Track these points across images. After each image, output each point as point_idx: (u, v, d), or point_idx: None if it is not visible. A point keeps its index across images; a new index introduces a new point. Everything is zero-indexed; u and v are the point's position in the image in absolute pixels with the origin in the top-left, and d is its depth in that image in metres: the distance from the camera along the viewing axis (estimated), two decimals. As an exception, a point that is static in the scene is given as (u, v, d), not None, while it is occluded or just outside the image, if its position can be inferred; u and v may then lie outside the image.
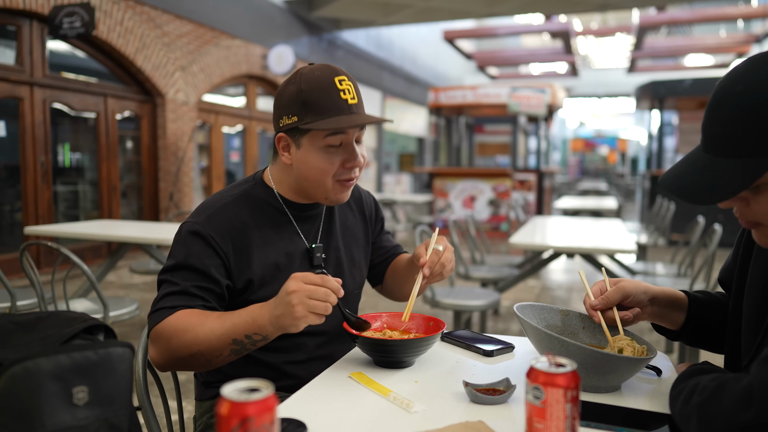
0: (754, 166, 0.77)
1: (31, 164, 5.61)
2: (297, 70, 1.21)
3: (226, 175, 8.70)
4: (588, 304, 1.10)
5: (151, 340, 1.12)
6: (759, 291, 0.93)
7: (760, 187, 0.81)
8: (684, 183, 0.84)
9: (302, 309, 0.98)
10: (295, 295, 0.98)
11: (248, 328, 1.05)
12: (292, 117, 1.17)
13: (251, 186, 1.29)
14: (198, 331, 1.07)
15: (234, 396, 0.58)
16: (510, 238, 3.42)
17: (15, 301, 2.55)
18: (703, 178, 0.82)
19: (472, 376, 1.06)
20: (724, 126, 0.81)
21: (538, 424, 0.69)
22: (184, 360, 1.10)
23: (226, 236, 1.19)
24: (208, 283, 1.16)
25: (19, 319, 0.91)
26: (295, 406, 0.93)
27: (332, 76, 1.16)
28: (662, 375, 1.07)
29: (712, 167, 0.82)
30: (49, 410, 0.77)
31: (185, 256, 1.16)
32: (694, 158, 0.86)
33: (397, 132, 14.28)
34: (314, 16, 9.90)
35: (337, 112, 1.15)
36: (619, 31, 15.97)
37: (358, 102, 1.19)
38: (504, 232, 8.93)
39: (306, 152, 1.19)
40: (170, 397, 2.59)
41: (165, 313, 1.11)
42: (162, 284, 1.17)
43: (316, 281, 0.99)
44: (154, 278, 5.61)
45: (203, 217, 1.20)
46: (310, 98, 1.15)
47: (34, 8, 5.36)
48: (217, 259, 1.18)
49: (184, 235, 1.19)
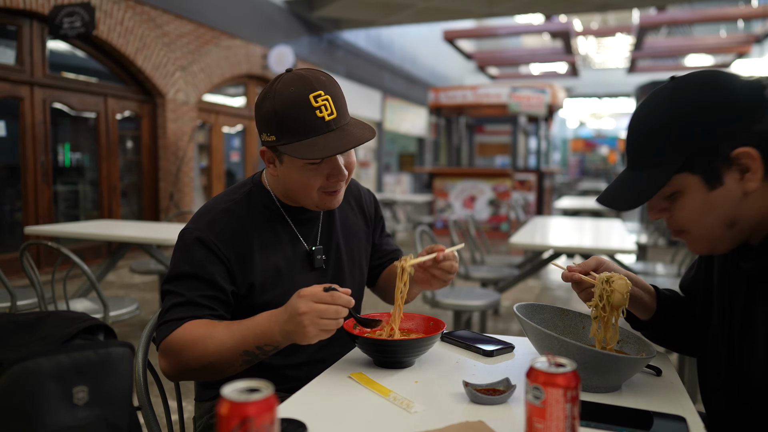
0: (656, 175, 0.91)
1: (32, 164, 5.61)
2: (273, 82, 1.15)
3: (226, 175, 8.70)
4: (566, 268, 1.10)
5: (161, 353, 1.12)
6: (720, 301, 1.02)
7: (675, 195, 0.92)
8: (611, 195, 0.98)
9: (314, 329, 0.98)
10: (306, 316, 0.98)
11: (258, 340, 1.05)
12: (271, 135, 1.14)
13: (250, 189, 1.28)
14: (208, 344, 1.07)
15: (234, 396, 0.58)
16: (510, 238, 3.42)
17: (15, 301, 2.55)
18: (625, 190, 0.96)
19: (472, 376, 1.06)
20: (632, 145, 0.97)
21: (538, 424, 0.69)
22: (196, 372, 1.10)
23: (228, 241, 1.18)
24: (214, 291, 1.15)
25: (20, 319, 0.91)
26: (295, 406, 0.93)
27: (306, 92, 1.11)
28: (662, 375, 1.07)
29: (630, 180, 0.96)
30: (49, 410, 0.77)
31: (189, 264, 1.15)
32: (620, 175, 1.00)
33: (397, 132, 14.28)
34: (314, 16, 9.90)
35: (312, 132, 1.11)
36: (620, 31, 15.97)
37: (338, 115, 1.13)
38: (504, 232, 8.93)
39: (288, 168, 1.17)
40: (170, 397, 2.59)
41: (173, 325, 1.10)
42: (167, 295, 1.16)
43: (326, 300, 0.99)
44: (154, 278, 5.61)
45: (204, 223, 1.19)
46: (284, 119, 1.11)
47: (34, 8, 5.36)
48: (221, 266, 1.17)
49: (185, 243, 1.18)
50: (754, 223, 0.91)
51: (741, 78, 0.90)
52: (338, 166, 1.17)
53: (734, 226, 0.91)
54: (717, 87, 0.88)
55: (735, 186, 0.88)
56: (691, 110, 0.88)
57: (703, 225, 0.92)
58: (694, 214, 0.91)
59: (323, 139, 1.11)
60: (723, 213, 0.90)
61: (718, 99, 0.87)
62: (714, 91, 0.88)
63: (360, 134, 1.14)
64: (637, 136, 0.95)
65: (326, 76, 1.16)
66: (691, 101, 0.88)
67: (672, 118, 0.89)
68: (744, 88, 0.88)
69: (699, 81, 0.90)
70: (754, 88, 0.88)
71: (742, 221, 0.90)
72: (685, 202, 0.91)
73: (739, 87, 0.88)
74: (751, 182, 0.87)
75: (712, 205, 0.89)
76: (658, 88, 0.95)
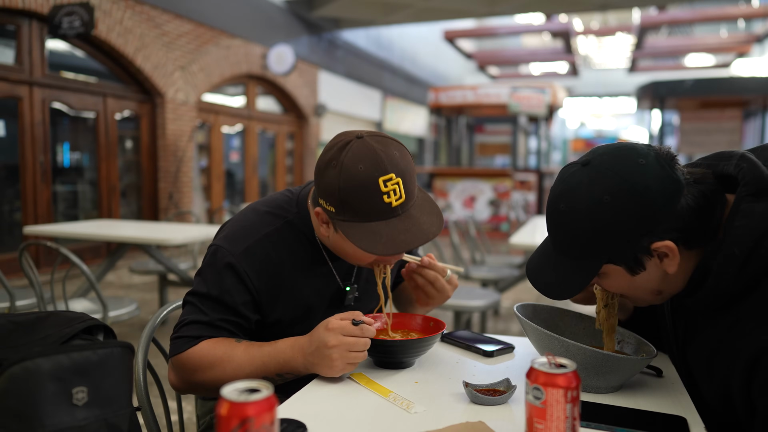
0: (588, 266, 0.94)
1: (31, 164, 5.61)
2: (341, 148, 1.04)
3: (226, 175, 8.70)
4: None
5: (172, 367, 1.11)
6: None
7: (601, 275, 0.96)
8: (543, 280, 0.99)
9: (341, 363, 0.98)
10: (336, 350, 0.98)
11: (280, 368, 1.05)
12: (330, 206, 1.06)
13: (293, 218, 1.19)
14: (226, 367, 1.06)
15: (234, 396, 0.58)
16: (510, 239, 3.42)
17: (14, 301, 2.54)
18: (555, 276, 0.98)
19: (473, 377, 1.06)
20: (557, 233, 0.97)
21: (538, 425, 0.69)
22: (209, 390, 1.10)
23: (262, 274, 1.14)
24: (236, 318, 1.13)
25: (19, 319, 0.91)
26: (295, 406, 0.93)
27: (377, 175, 1.01)
28: (662, 375, 1.07)
29: (559, 265, 0.97)
30: (49, 410, 0.76)
31: (217, 289, 1.12)
32: (547, 252, 1.01)
33: (397, 132, 14.27)
34: (314, 16, 9.90)
35: (376, 217, 1.03)
36: (620, 30, 15.97)
37: (406, 199, 1.04)
38: (504, 233, 8.93)
39: (343, 240, 1.09)
40: (170, 397, 2.58)
41: (189, 342, 1.09)
42: (188, 306, 1.13)
43: (355, 333, 0.98)
44: (153, 278, 5.61)
45: (240, 250, 1.13)
46: (349, 198, 1.02)
47: (33, 8, 5.35)
48: (248, 296, 1.14)
49: (216, 265, 1.13)
50: (683, 284, 0.95)
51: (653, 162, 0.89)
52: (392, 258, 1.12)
53: (662, 293, 0.97)
54: (632, 189, 0.87)
55: (656, 270, 0.92)
56: (609, 219, 0.89)
57: (632, 296, 0.99)
58: (619, 290, 0.98)
59: (386, 226, 1.03)
60: (648, 288, 0.96)
61: (634, 206, 0.87)
62: (631, 197, 0.87)
63: (427, 227, 1.07)
64: (561, 234, 0.96)
65: (400, 150, 1.05)
66: (609, 208, 0.88)
67: (593, 227, 0.90)
68: (658, 180, 0.88)
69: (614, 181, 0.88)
70: (666, 174, 0.88)
71: (668, 288, 0.96)
72: (612, 283, 0.97)
73: (653, 181, 0.87)
74: (670, 267, 0.91)
75: (636, 285, 0.95)
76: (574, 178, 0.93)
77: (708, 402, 0.96)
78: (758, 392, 0.82)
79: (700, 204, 0.89)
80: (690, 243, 0.90)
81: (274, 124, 9.66)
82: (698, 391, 0.99)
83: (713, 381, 0.92)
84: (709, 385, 0.94)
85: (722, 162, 0.96)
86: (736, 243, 0.86)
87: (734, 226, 0.87)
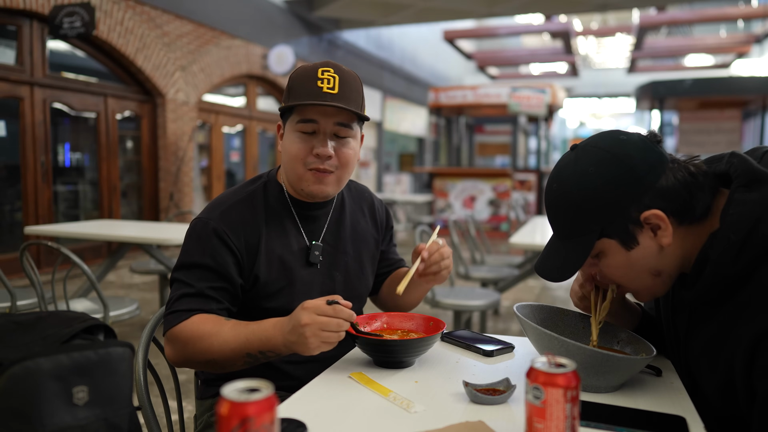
0: (584, 242, 0.96)
1: (32, 164, 5.61)
2: None
3: (226, 175, 8.70)
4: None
5: (167, 340, 1.16)
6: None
7: (599, 255, 0.98)
8: (545, 266, 1.03)
9: (316, 341, 1.00)
10: (308, 328, 1.00)
11: (262, 346, 1.08)
12: (282, 103, 1.23)
13: (263, 183, 1.31)
14: (213, 341, 1.10)
15: (234, 396, 0.58)
16: (510, 238, 3.42)
17: (15, 301, 2.55)
18: (555, 260, 1.01)
19: (472, 376, 1.06)
20: (552, 219, 1.02)
21: (538, 424, 0.69)
22: (200, 364, 1.14)
23: (240, 232, 1.21)
24: (223, 283, 1.18)
25: (19, 319, 0.91)
26: (295, 406, 0.93)
27: (319, 67, 1.19)
28: (662, 375, 1.07)
29: (559, 249, 1.01)
30: (49, 410, 0.77)
31: (200, 254, 1.18)
32: (550, 243, 1.05)
33: (397, 132, 14.28)
34: (314, 16, 9.90)
35: (306, 97, 1.17)
36: (619, 31, 15.97)
37: (338, 93, 1.18)
38: (504, 232, 8.93)
39: (285, 137, 1.24)
40: (170, 397, 2.59)
41: (181, 316, 1.14)
42: (175, 283, 1.18)
43: (328, 312, 1.01)
44: (154, 278, 5.61)
45: (217, 213, 1.22)
46: (293, 84, 1.20)
47: (34, 8, 5.35)
48: (231, 256, 1.19)
49: (198, 232, 1.20)
50: (680, 264, 0.97)
51: (635, 137, 0.96)
52: (324, 141, 1.20)
53: (661, 273, 0.98)
54: (615, 158, 0.93)
55: (650, 243, 0.94)
56: (595, 186, 0.93)
57: (630, 279, 1.00)
58: (619, 271, 0.99)
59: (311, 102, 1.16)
60: (645, 266, 0.97)
61: (617, 171, 0.92)
62: (613, 164, 0.93)
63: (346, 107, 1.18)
64: (555, 212, 1.01)
65: (353, 73, 1.23)
66: (594, 177, 0.93)
67: (582, 196, 0.94)
68: (640, 151, 0.93)
69: (598, 154, 0.95)
70: (648, 147, 0.94)
71: (666, 268, 0.97)
72: (609, 262, 0.98)
73: (634, 151, 0.93)
74: (663, 238, 0.93)
75: (633, 262, 0.96)
76: (563, 160, 1.00)
77: (708, 396, 0.96)
78: (759, 375, 0.83)
79: (687, 180, 0.92)
80: (680, 217, 0.93)
81: (275, 124, 9.66)
82: (698, 391, 0.99)
83: (715, 372, 0.93)
84: (710, 377, 0.94)
85: (714, 164, 0.99)
86: (731, 229, 0.88)
87: (729, 214, 0.90)
